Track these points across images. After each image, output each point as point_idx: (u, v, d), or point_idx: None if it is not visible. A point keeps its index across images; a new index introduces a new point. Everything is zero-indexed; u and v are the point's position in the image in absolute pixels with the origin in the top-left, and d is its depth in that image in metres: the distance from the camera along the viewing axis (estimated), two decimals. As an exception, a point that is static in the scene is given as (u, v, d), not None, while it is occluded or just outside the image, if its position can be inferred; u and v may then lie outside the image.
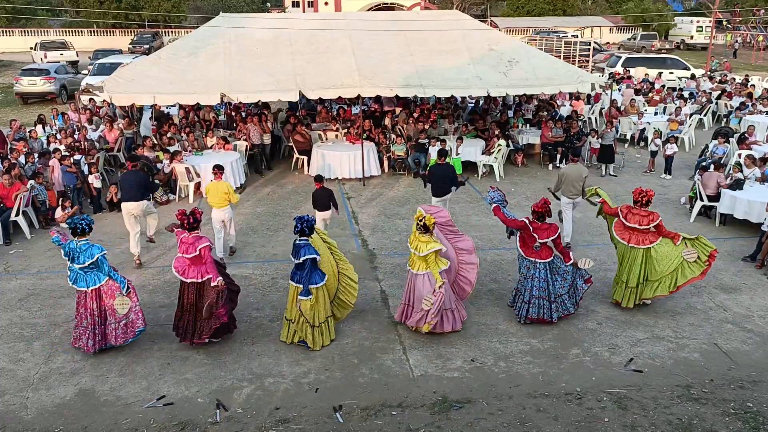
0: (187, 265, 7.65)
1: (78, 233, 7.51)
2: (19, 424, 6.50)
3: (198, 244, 7.59)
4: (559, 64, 16.93)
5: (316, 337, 7.74)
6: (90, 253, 7.46)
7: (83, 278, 7.49)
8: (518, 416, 6.55)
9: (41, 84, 25.21)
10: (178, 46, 15.89)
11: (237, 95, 13.92)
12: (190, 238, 7.67)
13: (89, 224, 7.61)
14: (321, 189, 10.38)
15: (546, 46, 32.35)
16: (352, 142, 15.47)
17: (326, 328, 7.84)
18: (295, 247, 7.63)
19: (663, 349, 7.77)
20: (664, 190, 13.96)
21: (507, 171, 15.45)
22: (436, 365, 7.46)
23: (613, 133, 15.79)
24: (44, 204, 12.04)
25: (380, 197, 13.78)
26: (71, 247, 7.47)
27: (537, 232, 8.05)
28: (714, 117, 21.86)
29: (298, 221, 7.64)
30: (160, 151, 14.15)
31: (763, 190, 11.74)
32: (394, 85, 14.38)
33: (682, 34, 48.79)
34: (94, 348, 7.56)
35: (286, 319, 7.88)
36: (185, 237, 7.70)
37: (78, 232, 7.51)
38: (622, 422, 6.44)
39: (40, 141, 15.19)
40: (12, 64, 36.97)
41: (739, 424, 6.42)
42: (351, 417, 6.58)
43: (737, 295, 9.21)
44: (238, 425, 6.47)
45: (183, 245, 7.66)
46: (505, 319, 8.46)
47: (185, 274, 7.63)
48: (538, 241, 8.04)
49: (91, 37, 47.83)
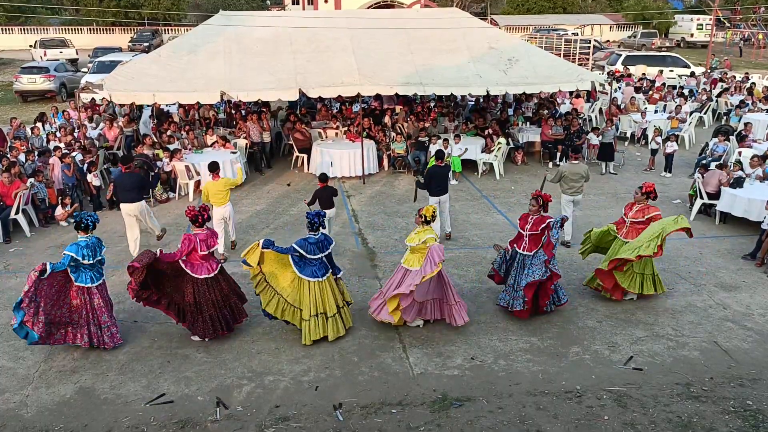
0: (200, 262, 7.68)
1: (82, 228, 7.52)
2: (19, 422, 6.51)
3: (214, 234, 7.84)
4: (559, 62, 16.92)
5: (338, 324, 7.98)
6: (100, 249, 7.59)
7: (88, 275, 7.49)
8: (518, 414, 6.56)
9: (41, 82, 25.18)
10: (178, 44, 15.88)
11: (237, 93, 13.91)
12: (204, 234, 7.74)
13: (95, 221, 7.64)
14: (324, 188, 10.42)
15: (546, 44, 32.29)
16: (352, 140, 15.46)
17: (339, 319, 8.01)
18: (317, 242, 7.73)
19: (663, 347, 7.78)
20: (665, 188, 13.95)
21: (507, 169, 15.44)
22: (436, 363, 7.46)
23: (613, 131, 15.79)
24: (44, 202, 12.04)
25: (380, 195, 13.78)
26: (92, 241, 7.51)
27: (521, 221, 8.28)
28: (714, 115, 21.86)
29: (316, 216, 7.80)
30: (160, 150, 14.14)
31: (763, 189, 11.73)
32: (394, 83, 14.37)
33: (683, 32, 48.72)
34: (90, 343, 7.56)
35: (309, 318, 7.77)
36: (201, 234, 7.73)
37: (82, 227, 7.52)
38: (622, 420, 6.45)
39: (41, 139, 15.18)
40: (12, 62, 36.93)
41: (738, 422, 6.42)
42: (351, 415, 6.58)
43: (737, 293, 9.21)
44: (238, 423, 6.47)
45: (202, 243, 7.65)
46: (504, 317, 8.45)
47: (198, 272, 7.67)
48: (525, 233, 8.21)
49: (91, 35, 47.74)
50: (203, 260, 7.71)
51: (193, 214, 7.80)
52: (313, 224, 7.78)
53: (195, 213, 7.80)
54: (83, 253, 7.38)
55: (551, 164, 15.83)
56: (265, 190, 14.15)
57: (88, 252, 7.43)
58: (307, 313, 7.73)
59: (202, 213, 7.83)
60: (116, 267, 9.88)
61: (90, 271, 7.50)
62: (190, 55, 14.99)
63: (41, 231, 11.74)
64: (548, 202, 8.37)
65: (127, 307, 8.57)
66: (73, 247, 7.40)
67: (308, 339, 7.75)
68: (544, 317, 8.39)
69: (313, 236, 7.78)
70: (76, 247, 7.41)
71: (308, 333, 7.75)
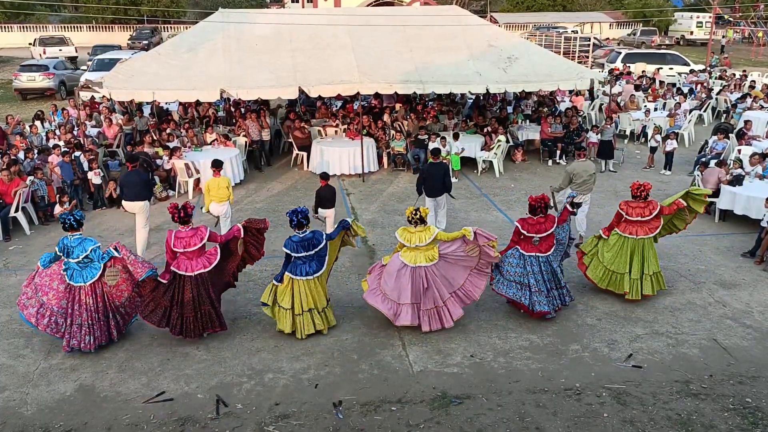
0: (189, 259, 7.65)
1: (67, 228, 7.51)
2: (19, 420, 6.51)
3: (200, 235, 7.66)
4: (559, 60, 16.91)
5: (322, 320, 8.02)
6: (83, 247, 7.47)
7: (80, 273, 7.48)
8: (518, 412, 6.56)
9: (40, 80, 25.15)
10: (178, 42, 15.87)
11: (237, 91, 13.90)
12: (186, 232, 7.65)
13: (78, 219, 7.60)
14: (326, 186, 10.40)
15: (546, 41, 32.23)
16: (352, 138, 15.45)
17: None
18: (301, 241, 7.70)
19: (662, 345, 7.78)
20: (664, 186, 13.95)
21: (506, 167, 15.44)
22: (436, 361, 7.47)
23: (613, 129, 15.78)
24: (43, 200, 12.03)
25: (380, 193, 13.78)
26: (64, 243, 7.50)
27: (527, 228, 8.13)
28: (714, 113, 21.85)
29: (293, 214, 7.74)
30: (160, 147, 14.13)
31: (763, 186, 11.73)
32: (393, 81, 14.35)
33: (682, 29, 48.70)
34: (95, 344, 7.53)
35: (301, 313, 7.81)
36: (180, 232, 7.66)
37: (66, 227, 7.51)
38: (622, 418, 6.45)
39: (40, 137, 15.17)
40: (11, 60, 36.87)
41: (738, 419, 6.43)
42: (350, 412, 6.59)
43: (737, 290, 9.22)
44: (237, 421, 6.47)
45: (180, 241, 7.60)
46: (504, 315, 8.46)
47: (190, 269, 7.62)
48: (536, 236, 8.10)
49: (90, 32, 47.71)
50: (189, 257, 7.64)
51: (171, 211, 7.74)
52: (292, 222, 7.75)
53: (172, 210, 7.72)
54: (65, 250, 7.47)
55: (551, 162, 15.83)
56: (265, 189, 14.14)
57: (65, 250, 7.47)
58: (299, 309, 7.77)
59: (180, 210, 7.68)
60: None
61: (82, 270, 7.49)
62: (190, 53, 14.97)
63: (41, 229, 11.74)
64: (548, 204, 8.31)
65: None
66: (59, 244, 7.52)
67: (285, 328, 7.83)
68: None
69: (298, 234, 7.75)
70: (60, 244, 7.51)
71: (285, 322, 7.80)
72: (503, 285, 8.27)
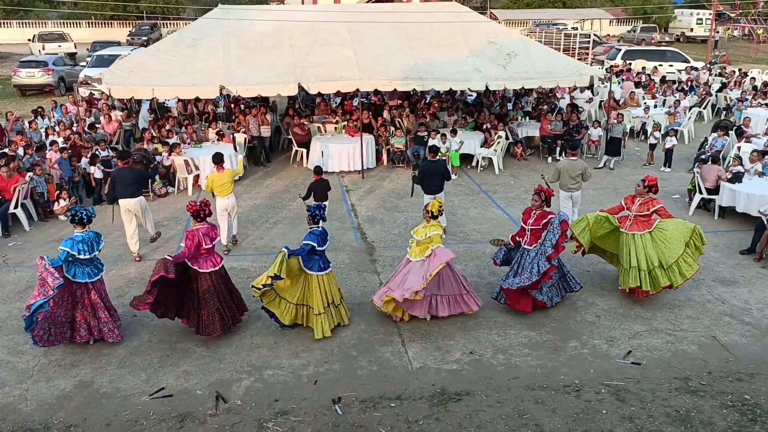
0: (205, 256, 7.68)
1: (77, 222, 7.48)
2: (18, 416, 6.51)
3: (215, 229, 7.82)
4: (559, 57, 16.90)
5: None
6: (99, 242, 7.58)
7: (85, 270, 7.46)
8: (516, 408, 6.57)
9: (39, 76, 25.09)
10: (177, 39, 15.83)
11: (236, 88, 13.88)
12: (205, 228, 7.73)
13: (89, 215, 7.58)
14: (319, 180, 10.51)
15: (546, 38, 32.20)
16: (351, 135, 15.44)
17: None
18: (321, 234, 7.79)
19: (661, 342, 7.79)
20: (664, 183, 13.94)
21: (506, 164, 15.44)
22: (435, 357, 7.48)
23: (623, 126, 15.69)
24: (43, 196, 12.02)
25: (379, 190, 13.77)
26: (89, 236, 7.47)
27: (524, 215, 8.41)
28: (714, 110, 21.84)
29: (317, 209, 7.89)
30: (159, 144, 14.12)
31: (762, 184, 11.74)
32: (392, 78, 14.34)
33: (682, 26, 48.67)
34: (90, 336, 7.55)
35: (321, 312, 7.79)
36: (202, 228, 7.71)
37: (77, 221, 7.48)
38: (620, 414, 6.46)
39: (39, 133, 15.15)
40: (10, 56, 36.80)
41: (736, 416, 6.44)
42: (350, 409, 6.59)
43: (735, 287, 9.23)
44: (237, 417, 6.48)
45: (207, 237, 7.63)
46: (503, 312, 8.47)
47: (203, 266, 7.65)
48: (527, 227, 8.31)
49: (89, 28, 47.62)
50: (207, 254, 7.70)
51: (194, 209, 7.77)
52: (314, 217, 7.85)
53: (197, 208, 7.77)
54: (78, 248, 7.33)
55: (551, 159, 15.82)
56: (264, 185, 14.14)
57: (84, 247, 7.38)
58: (319, 308, 7.76)
59: (203, 208, 7.81)
60: (114, 262, 9.89)
61: (87, 266, 7.47)
62: (189, 50, 14.95)
63: (40, 225, 11.74)
64: (551, 197, 8.43)
65: (126, 301, 8.55)
66: (68, 242, 7.33)
67: (325, 332, 7.78)
68: (542, 312, 8.41)
69: (317, 228, 7.85)
70: (71, 242, 7.33)
71: (321, 327, 7.77)
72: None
